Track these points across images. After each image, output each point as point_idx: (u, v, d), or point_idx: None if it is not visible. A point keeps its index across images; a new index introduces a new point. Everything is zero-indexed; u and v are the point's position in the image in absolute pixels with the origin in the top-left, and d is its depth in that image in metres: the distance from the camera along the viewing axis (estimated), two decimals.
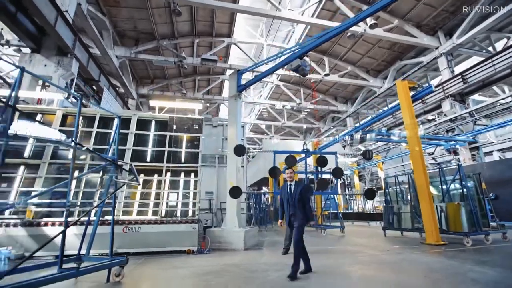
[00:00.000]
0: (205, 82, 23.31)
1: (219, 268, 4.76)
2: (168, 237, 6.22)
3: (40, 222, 5.58)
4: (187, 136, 7.33)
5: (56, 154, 6.51)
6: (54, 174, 6.27)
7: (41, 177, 6.06)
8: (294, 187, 4.46)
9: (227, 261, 5.45)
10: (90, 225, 4.46)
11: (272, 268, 4.67)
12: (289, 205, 4.41)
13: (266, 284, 3.70)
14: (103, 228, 5.41)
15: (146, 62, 18.28)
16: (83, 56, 11.41)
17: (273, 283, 3.74)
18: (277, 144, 25.34)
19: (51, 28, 9.15)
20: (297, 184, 4.51)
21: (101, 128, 6.88)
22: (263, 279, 3.97)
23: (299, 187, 4.42)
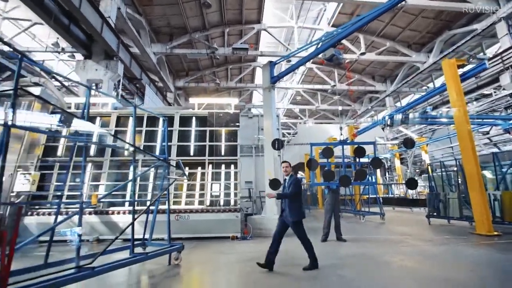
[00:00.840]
0: (237, 71, 23.57)
1: (262, 255, 5.17)
2: (214, 225, 6.83)
3: (108, 211, 6.53)
4: (226, 130, 7.75)
5: (114, 152, 7.40)
6: (114, 169, 7.18)
7: (104, 172, 7.00)
8: (288, 180, 4.36)
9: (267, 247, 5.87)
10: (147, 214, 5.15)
11: None
12: (282, 200, 4.35)
13: (308, 271, 4.02)
14: (159, 216, 6.15)
15: (181, 56, 19.00)
16: (126, 57, 12.34)
17: (314, 270, 4.04)
18: (311, 129, 25.05)
19: (98, 35, 10.05)
20: (290, 177, 4.39)
21: (149, 127, 7.60)
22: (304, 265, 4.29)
23: (289, 181, 4.32)
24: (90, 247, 5.97)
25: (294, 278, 3.78)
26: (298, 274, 3.94)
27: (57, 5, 9.03)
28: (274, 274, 3.98)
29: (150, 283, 3.74)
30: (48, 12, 8.58)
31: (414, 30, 17.40)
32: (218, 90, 24.77)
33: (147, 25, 15.58)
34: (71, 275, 2.94)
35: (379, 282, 3.50)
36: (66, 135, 5.36)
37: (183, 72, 21.97)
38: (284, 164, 4.48)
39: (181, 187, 7.38)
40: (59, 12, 9.26)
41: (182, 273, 4.09)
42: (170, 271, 4.18)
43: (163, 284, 3.60)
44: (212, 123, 7.63)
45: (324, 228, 6.49)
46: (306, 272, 4.03)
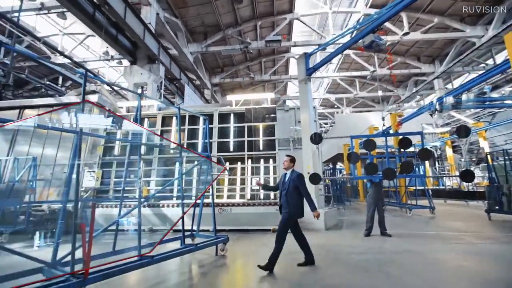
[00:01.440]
0: (270, 63, 23.44)
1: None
2: (255, 217, 7.06)
3: (159, 204, 7.15)
4: (263, 124, 7.87)
5: (161, 149, 8.01)
6: (162, 165, 7.78)
7: (154, 169, 7.63)
8: (289, 176, 4.21)
9: (310, 240, 5.88)
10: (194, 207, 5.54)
11: (356, 251, 4.89)
12: (281, 195, 4.20)
13: (352, 266, 3.99)
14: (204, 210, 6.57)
15: (216, 53, 19.48)
16: (166, 60, 13.08)
17: (359, 266, 3.99)
18: (350, 118, 23.98)
19: (141, 41, 10.81)
20: (292, 172, 4.24)
21: (191, 125, 8.05)
22: (348, 261, 4.26)
23: (292, 176, 4.17)
24: (146, 236, 6.64)
25: (339, 272, 3.78)
26: (343, 268, 3.94)
27: (106, 18, 9.89)
28: (317, 268, 4.02)
29: (200, 272, 4.07)
30: (99, 25, 9.45)
31: (469, 0, 15.42)
32: (252, 84, 24.97)
33: (183, 27, 16.23)
34: (135, 262, 3.35)
35: (430, 281, 3.34)
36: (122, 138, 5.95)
37: (218, 69, 22.54)
38: (284, 158, 4.40)
39: (222, 181, 7.73)
40: (108, 24, 10.15)
41: (228, 264, 4.36)
42: (217, 261, 4.49)
43: (212, 273, 3.90)
44: (250, 119, 7.80)
45: (367, 222, 6.31)
46: (352, 265, 4.00)
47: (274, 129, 7.86)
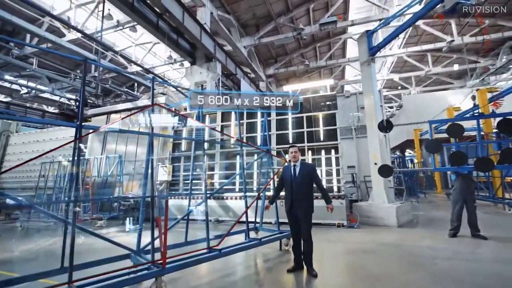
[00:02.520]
0: (326, 48, 22.04)
1: (374, 247, 4.77)
2: (318, 211, 6.73)
3: (223, 196, 7.46)
4: (323, 114, 7.39)
5: (223, 144, 8.31)
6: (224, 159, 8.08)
7: (217, 163, 7.98)
8: (299, 168, 3.75)
9: (381, 238, 5.35)
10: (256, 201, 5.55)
11: (440, 255, 4.18)
12: (292, 190, 3.72)
13: (437, 275, 3.40)
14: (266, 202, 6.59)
15: (268, 44, 19.23)
16: (222, 57, 13.45)
17: (447, 275, 3.38)
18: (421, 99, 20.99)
19: (198, 42, 11.29)
20: (303, 165, 3.79)
21: (249, 119, 8.10)
22: (431, 267, 3.66)
23: (305, 168, 3.74)
24: (212, 226, 7.04)
25: (421, 282, 3.26)
26: (425, 277, 3.39)
27: (167, 24, 10.62)
28: (391, 274, 3.56)
29: (265, 267, 4.05)
30: (162, 32, 10.20)
31: None
32: (308, 72, 23.95)
33: (236, 22, 16.40)
34: (205, 254, 3.50)
35: None
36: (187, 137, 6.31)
37: (271, 60, 22.28)
38: (293, 149, 3.84)
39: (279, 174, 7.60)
40: (170, 30, 10.89)
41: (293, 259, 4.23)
42: (282, 256, 4.41)
43: (277, 269, 3.83)
44: (308, 108, 7.42)
45: (453, 221, 5.34)
46: (437, 274, 3.41)
47: (335, 118, 7.32)
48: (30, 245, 5.44)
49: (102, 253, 3.44)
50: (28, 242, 5.76)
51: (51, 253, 4.68)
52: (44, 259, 4.57)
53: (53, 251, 4.77)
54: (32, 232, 6.62)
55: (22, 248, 5.19)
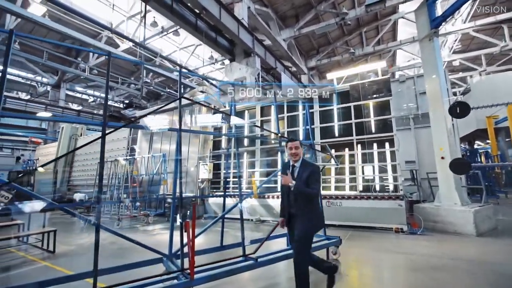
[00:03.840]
0: (373, 32, 19.95)
1: (448, 262, 3.78)
2: (371, 213, 5.85)
3: (265, 195, 7.02)
4: (374, 102, 6.38)
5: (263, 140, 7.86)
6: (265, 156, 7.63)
7: (257, 160, 7.57)
8: (299, 169, 2.66)
9: (456, 251, 4.27)
10: None
11: None
12: (288, 200, 2.71)
13: None
14: None
15: (309, 35, 18.15)
16: (260, 51, 13.01)
17: None
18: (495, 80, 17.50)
19: (236, 37, 11.02)
20: (304, 165, 2.67)
21: (290, 112, 7.49)
22: None
23: (304, 171, 2.61)
24: (253, 227, 6.65)
25: None
26: None
27: (205, 23, 10.58)
28: None
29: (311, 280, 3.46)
30: (201, 31, 10.17)
31: None
32: (353, 60, 22.04)
33: (274, 14, 15.76)
34: (238, 263, 3.07)
35: None
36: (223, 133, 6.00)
37: (313, 51, 21.06)
38: (292, 144, 2.73)
39: (328, 171, 6.83)
40: (208, 29, 10.84)
41: (343, 273, 3.55)
42: None
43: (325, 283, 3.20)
44: (357, 97, 6.48)
45: None
46: None
47: (388, 106, 6.25)
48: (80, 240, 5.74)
49: (145, 254, 3.21)
50: (79, 237, 6.13)
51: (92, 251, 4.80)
52: (82, 259, 4.59)
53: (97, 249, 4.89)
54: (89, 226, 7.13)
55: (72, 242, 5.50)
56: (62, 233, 6.52)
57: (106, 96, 2.83)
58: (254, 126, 7.28)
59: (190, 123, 8.84)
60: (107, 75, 2.83)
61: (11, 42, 2.33)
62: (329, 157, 5.87)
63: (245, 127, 7.79)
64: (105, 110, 2.73)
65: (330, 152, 4.56)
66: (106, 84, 2.83)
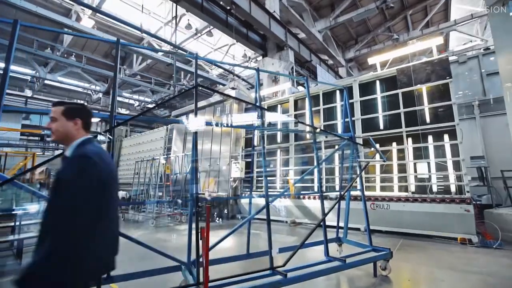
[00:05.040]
0: (420, 14, 17.70)
1: None
2: (427, 219, 4.86)
3: (300, 195, 6.40)
4: (427, 86, 5.31)
5: (297, 135, 7.23)
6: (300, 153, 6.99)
7: (291, 158, 6.97)
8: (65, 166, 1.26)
9: None
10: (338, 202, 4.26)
11: None
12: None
13: None
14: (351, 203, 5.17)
15: (346, 24, 16.80)
16: (294, 44, 12.30)
17: None
18: None
19: (268, 30, 10.52)
20: (67, 160, 1.28)
21: (326, 104, 6.72)
22: None
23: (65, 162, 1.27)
24: (287, 230, 6.08)
25: None
26: None
27: (236, 19, 10.28)
28: None
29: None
30: (231, 28, 9.90)
31: None
32: (397, 47, 19.90)
33: (307, 5, 14.85)
34: (265, 277, 2.58)
35: None
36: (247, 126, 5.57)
37: (351, 41, 19.50)
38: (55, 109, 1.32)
39: (373, 168, 5.93)
40: (239, 25, 10.54)
41: None
42: (378, 286, 3.03)
43: None
44: (406, 82, 5.46)
45: None
46: None
47: (447, 91, 5.13)
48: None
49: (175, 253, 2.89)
50: None
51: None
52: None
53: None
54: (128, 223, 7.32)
55: None
56: None
57: (114, 86, 2.55)
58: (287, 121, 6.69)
59: (224, 121, 8.56)
60: (115, 63, 2.56)
61: (15, 32, 2.16)
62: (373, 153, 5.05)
63: (277, 122, 7.24)
64: (112, 102, 2.45)
65: (375, 146, 3.79)
66: (114, 76, 2.56)
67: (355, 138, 3.83)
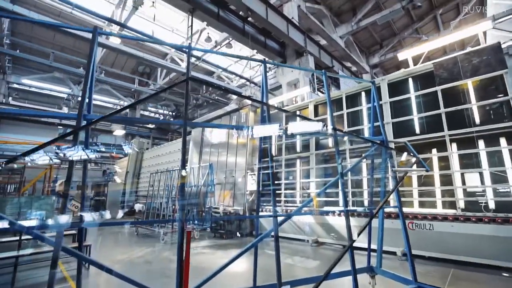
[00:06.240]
0: (452, 13, 16.33)
1: None
2: (485, 244, 3.86)
3: (323, 212, 5.62)
4: (474, 81, 4.41)
5: (319, 144, 6.52)
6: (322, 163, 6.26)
7: (312, 168, 6.25)
8: None
9: None
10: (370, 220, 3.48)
11: None
12: None
13: None
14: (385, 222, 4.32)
15: (369, 28, 15.97)
16: (314, 49, 11.76)
17: None
18: None
19: (286, 36, 10.12)
20: None
21: (350, 108, 5.99)
22: None
23: None
24: (309, 251, 5.29)
25: None
26: None
27: (253, 27, 10.04)
28: None
29: None
30: (247, 35, 9.64)
31: None
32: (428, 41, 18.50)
33: (327, 11, 14.33)
34: None
35: None
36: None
37: (375, 46, 18.50)
38: None
39: (407, 180, 5.03)
40: (256, 33, 10.28)
41: None
42: None
43: None
44: (446, 77, 4.61)
45: None
46: None
47: (502, 84, 4.21)
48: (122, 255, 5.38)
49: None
50: (124, 250, 5.82)
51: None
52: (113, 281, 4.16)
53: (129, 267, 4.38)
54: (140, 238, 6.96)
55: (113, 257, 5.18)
56: (112, 243, 6.46)
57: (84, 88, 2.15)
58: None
59: (240, 134, 8.07)
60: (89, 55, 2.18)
61: (95, 39, 1.87)
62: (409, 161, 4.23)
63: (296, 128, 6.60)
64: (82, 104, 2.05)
65: (414, 153, 3.03)
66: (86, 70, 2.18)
67: (387, 142, 3.10)
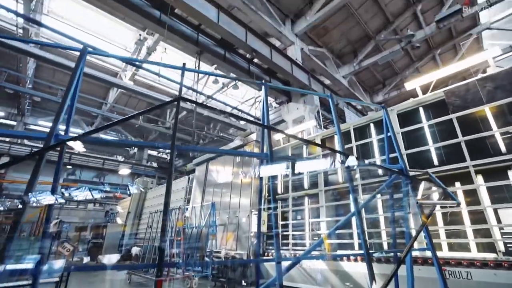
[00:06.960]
0: (450, 54, 16.96)
1: None
2: None
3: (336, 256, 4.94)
4: (492, 107, 4.12)
5: (328, 180, 6.09)
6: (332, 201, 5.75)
7: (322, 206, 5.73)
8: None
9: None
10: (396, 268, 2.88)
11: None
12: None
13: None
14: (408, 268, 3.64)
15: (371, 68, 16.56)
16: (318, 88, 12.03)
17: None
18: None
19: (290, 75, 10.43)
20: None
21: (359, 140, 5.70)
22: None
23: None
24: None
25: None
26: None
27: (258, 67, 10.46)
28: None
29: None
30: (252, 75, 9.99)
31: None
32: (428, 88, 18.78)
33: (330, 54, 15.08)
34: None
35: None
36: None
37: (378, 85, 18.98)
38: None
39: (431, 218, 4.43)
40: (261, 72, 10.68)
41: None
42: None
43: None
44: (460, 105, 4.36)
45: None
46: None
47: None
48: None
49: None
50: None
51: None
52: None
53: None
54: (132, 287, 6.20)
55: None
56: None
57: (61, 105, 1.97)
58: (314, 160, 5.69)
59: (247, 174, 7.66)
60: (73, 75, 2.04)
61: (81, 59, 1.80)
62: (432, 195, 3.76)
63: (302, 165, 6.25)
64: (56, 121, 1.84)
65: (441, 184, 2.62)
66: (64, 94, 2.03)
67: (407, 171, 2.72)
